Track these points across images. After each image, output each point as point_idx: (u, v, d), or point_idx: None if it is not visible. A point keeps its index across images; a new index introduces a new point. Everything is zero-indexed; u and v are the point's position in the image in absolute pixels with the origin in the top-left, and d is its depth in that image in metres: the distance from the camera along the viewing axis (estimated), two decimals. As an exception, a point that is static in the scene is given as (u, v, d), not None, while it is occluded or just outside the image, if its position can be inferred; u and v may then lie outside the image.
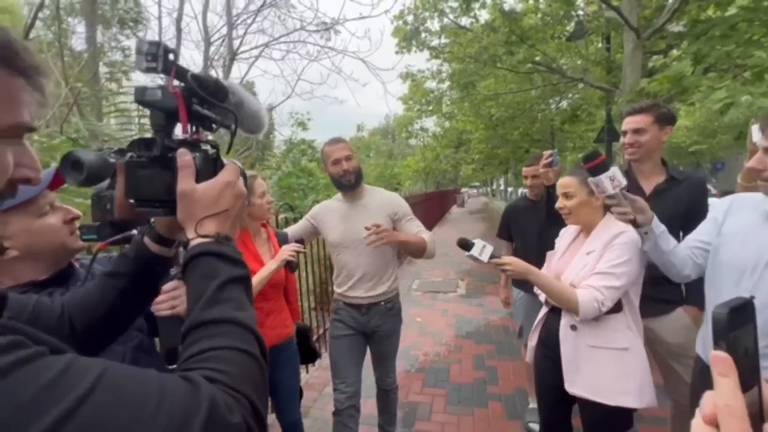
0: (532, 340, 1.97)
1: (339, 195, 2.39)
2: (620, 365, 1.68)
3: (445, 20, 9.56)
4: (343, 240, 2.29)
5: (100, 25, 9.91)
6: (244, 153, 8.11)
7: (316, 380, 3.62)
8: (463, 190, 39.23)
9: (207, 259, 0.64)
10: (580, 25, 7.57)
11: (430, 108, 12.85)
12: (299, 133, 11.83)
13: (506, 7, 8.31)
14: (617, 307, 1.69)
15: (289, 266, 2.04)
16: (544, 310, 1.95)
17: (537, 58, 8.82)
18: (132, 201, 0.71)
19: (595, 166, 1.47)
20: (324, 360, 3.68)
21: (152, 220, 0.78)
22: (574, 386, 1.75)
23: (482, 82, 10.78)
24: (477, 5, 8.87)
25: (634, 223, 1.55)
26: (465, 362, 3.98)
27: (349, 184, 2.25)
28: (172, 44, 1.07)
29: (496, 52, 8.20)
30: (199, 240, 0.67)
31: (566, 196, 1.82)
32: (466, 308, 5.68)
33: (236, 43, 7.79)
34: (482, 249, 1.73)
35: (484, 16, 8.98)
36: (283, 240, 2.27)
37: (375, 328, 2.33)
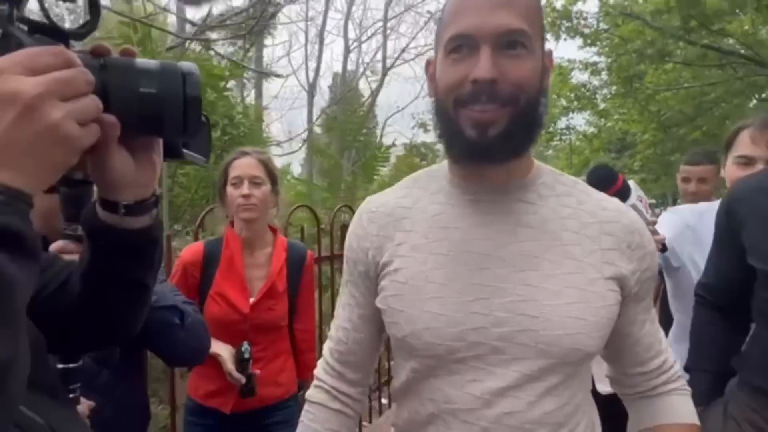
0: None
1: (444, 171, 0.76)
2: None
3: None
4: (449, 334, 0.67)
5: None
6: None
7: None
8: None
9: None
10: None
11: (579, 105, 11.14)
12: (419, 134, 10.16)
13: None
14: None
15: (245, 388, 1.40)
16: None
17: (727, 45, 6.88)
18: None
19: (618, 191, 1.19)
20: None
21: None
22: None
23: (649, 74, 9.00)
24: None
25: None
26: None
27: (484, 142, 0.63)
28: None
29: (665, 47, 6.75)
30: None
31: None
32: None
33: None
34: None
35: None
36: (296, 257, 1.56)
37: None
